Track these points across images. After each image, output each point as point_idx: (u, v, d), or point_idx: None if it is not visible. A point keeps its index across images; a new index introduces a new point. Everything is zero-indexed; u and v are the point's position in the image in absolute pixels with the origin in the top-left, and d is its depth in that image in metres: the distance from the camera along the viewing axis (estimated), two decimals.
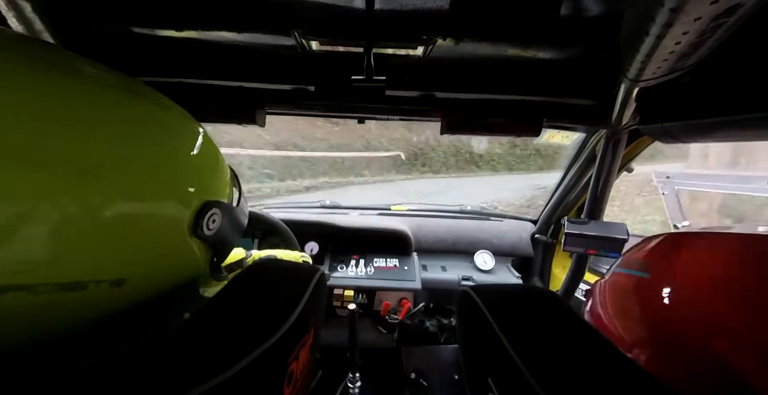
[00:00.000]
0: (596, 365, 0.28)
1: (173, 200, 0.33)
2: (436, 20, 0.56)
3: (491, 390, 0.32)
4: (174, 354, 0.24)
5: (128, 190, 0.28)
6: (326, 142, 5.22)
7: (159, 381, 0.21)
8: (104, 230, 0.26)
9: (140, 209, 0.29)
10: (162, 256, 0.33)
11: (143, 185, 0.29)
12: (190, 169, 0.36)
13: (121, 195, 0.27)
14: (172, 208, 0.33)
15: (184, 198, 0.34)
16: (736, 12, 0.35)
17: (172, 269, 0.35)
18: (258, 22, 0.59)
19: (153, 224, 0.31)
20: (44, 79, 0.25)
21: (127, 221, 0.28)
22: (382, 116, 0.86)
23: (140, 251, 0.30)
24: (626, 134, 0.85)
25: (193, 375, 0.22)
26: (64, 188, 0.24)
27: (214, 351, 0.25)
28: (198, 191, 0.35)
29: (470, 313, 0.39)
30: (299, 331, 0.33)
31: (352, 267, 1.21)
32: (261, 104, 0.78)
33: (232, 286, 0.35)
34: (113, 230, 0.27)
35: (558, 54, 0.65)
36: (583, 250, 0.91)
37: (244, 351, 0.25)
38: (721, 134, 0.58)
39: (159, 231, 0.32)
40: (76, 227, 0.25)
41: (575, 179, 1.12)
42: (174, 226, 0.33)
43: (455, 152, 6.55)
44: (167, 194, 0.32)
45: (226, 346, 0.26)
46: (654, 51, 0.43)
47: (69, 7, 0.57)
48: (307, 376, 0.38)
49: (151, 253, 0.31)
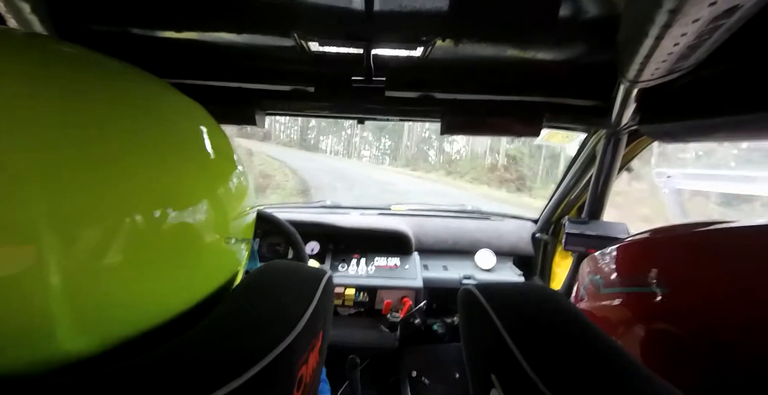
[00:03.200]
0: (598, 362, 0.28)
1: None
2: (435, 21, 0.56)
3: (494, 387, 0.32)
4: (183, 362, 0.24)
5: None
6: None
7: (169, 391, 0.21)
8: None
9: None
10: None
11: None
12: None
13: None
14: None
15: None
16: (734, 13, 0.35)
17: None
18: (257, 23, 0.59)
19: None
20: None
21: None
22: (381, 116, 0.86)
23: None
24: (626, 134, 0.85)
25: (202, 384, 0.22)
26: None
27: (224, 358, 0.25)
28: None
29: (473, 311, 0.39)
30: (309, 335, 0.33)
31: (353, 266, 1.21)
32: (261, 105, 0.78)
33: (241, 290, 0.35)
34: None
35: (557, 54, 0.65)
36: (583, 249, 0.91)
37: (254, 358, 0.25)
38: (720, 135, 0.58)
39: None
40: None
41: (575, 179, 1.12)
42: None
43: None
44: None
45: (237, 353, 0.25)
46: (653, 52, 0.43)
47: (68, 9, 0.57)
48: (315, 379, 0.39)
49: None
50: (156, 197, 0.26)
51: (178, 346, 0.25)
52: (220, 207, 0.33)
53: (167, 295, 0.28)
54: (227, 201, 0.34)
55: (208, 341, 0.26)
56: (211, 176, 0.33)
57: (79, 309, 0.22)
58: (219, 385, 0.22)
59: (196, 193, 0.30)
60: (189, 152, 0.31)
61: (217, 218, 0.32)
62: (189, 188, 0.29)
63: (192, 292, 0.31)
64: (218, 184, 0.33)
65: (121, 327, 0.25)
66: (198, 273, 0.32)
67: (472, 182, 11.17)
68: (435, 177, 15.08)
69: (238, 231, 0.36)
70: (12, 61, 0.22)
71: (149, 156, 0.26)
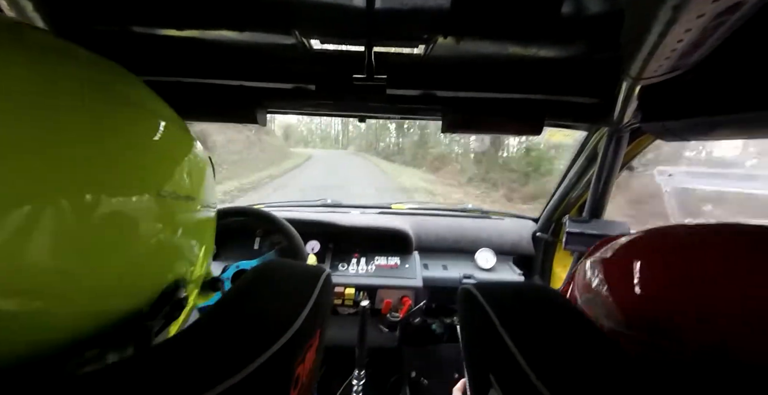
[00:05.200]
0: (598, 362, 0.28)
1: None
2: (436, 19, 0.56)
3: (492, 386, 0.32)
4: (178, 360, 0.24)
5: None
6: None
7: (163, 389, 0.21)
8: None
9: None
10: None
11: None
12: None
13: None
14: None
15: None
16: (738, 10, 0.35)
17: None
18: (258, 21, 0.59)
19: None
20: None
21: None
22: (383, 114, 0.86)
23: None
24: (628, 132, 0.85)
25: (197, 383, 0.22)
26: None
27: (220, 357, 0.25)
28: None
29: (472, 310, 0.39)
30: (306, 334, 0.33)
31: (353, 265, 1.21)
32: (261, 103, 0.78)
33: (239, 288, 0.35)
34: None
35: (559, 52, 0.65)
36: (584, 248, 0.91)
37: (250, 356, 0.25)
38: (723, 132, 0.58)
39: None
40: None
41: (576, 178, 1.12)
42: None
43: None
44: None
45: (232, 351, 0.25)
46: (656, 49, 0.43)
47: (70, 7, 0.57)
48: (313, 378, 0.38)
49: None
50: (86, 182, 0.26)
51: (173, 343, 0.25)
52: (162, 196, 0.32)
53: (103, 292, 0.28)
54: (175, 189, 0.34)
55: (203, 339, 0.26)
56: (159, 167, 0.32)
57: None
58: (213, 384, 0.22)
59: (134, 180, 0.30)
60: (133, 136, 0.30)
61: (159, 210, 0.32)
62: (128, 174, 0.29)
63: (132, 287, 0.31)
64: (165, 174, 0.33)
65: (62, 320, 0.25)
66: (135, 268, 0.31)
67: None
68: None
69: (189, 228, 0.36)
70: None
71: (81, 139, 0.26)
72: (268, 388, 0.27)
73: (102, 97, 0.30)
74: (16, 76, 0.24)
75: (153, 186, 0.32)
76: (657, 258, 0.38)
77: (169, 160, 0.35)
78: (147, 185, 0.31)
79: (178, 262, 0.38)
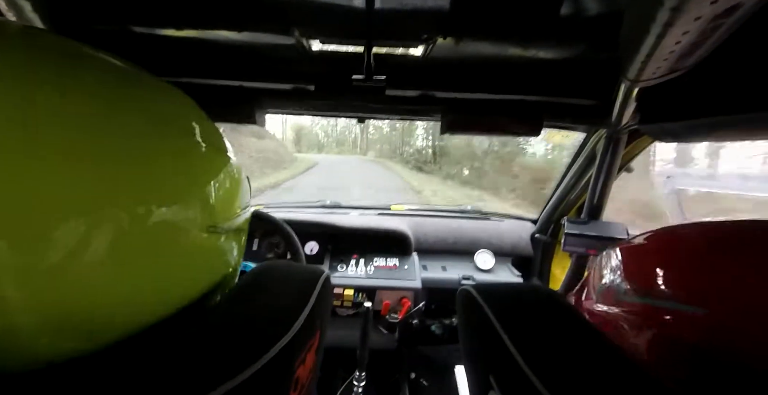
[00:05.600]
0: (597, 364, 0.28)
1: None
2: (436, 19, 0.56)
3: (492, 388, 0.32)
4: (179, 362, 0.24)
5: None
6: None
7: (164, 391, 0.21)
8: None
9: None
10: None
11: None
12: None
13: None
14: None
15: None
16: (735, 12, 0.35)
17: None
18: (258, 22, 0.59)
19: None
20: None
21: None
22: (382, 115, 0.86)
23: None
24: (626, 133, 0.85)
25: (197, 384, 0.22)
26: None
27: (220, 359, 0.24)
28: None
29: (472, 311, 0.39)
30: (306, 335, 0.33)
31: (352, 267, 1.21)
32: (261, 104, 0.77)
33: (238, 290, 0.34)
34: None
35: (558, 53, 0.65)
36: (583, 250, 0.91)
37: (251, 358, 0.25)
38: (721, 134, 0.58)
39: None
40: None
41: (575, 179, 1.12)
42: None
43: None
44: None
45: (233, 354, 0.25)
46: (654, 51, 0.43)
47: (69, 7, 0.57)
48: (313, 379, 0.38)
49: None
50: (139, 193, 0.25)
51: (174, 346, 0.25)
52: (209, 204, 0.32)
53: (152, 295, 0.27)
54: (217, 198, 0.33)
55: (204, 341, 0.26)
56: (201, 173, 0.32)
57: (43, 313, 0.21)
58: (214, 386, 0.22)
59: (183, 189, 0.29)
60: (176, 146, 0.30)
61: (207, 216, 0.31)
62: (176, 184, 0.28)
63: (181, 291, 0.30)
64: (208, 180, 0.32)
65: (103, 328, 0.24)
66: (185, 272, 0.30)
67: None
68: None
69: (229, 230, 0.36)
70: (2, 52, 0.21)
71: (133, 150, 0.25)
72: (268, 389, 0.27)
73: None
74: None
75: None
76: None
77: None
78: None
79: (222, 266, 0.38)
